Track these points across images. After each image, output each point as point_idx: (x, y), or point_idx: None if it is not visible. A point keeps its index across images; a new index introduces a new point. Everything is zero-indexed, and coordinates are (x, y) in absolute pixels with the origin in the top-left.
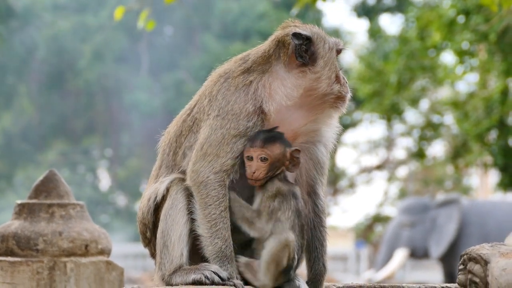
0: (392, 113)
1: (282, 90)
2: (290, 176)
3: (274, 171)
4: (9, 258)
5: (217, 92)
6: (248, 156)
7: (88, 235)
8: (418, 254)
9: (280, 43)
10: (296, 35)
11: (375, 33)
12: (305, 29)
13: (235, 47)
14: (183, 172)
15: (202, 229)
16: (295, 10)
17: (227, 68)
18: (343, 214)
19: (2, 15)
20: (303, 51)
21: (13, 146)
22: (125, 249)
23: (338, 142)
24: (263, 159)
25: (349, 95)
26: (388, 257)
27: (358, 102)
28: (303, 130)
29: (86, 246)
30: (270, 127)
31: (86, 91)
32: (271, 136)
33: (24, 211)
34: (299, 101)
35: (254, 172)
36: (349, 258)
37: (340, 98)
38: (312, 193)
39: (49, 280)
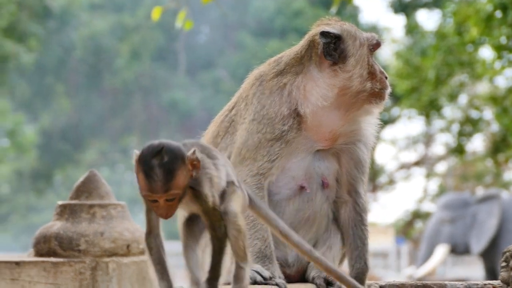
0: (430, 109)
1: (317, 91)
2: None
3: (185, 192)
4: (52, 259)
5: (252, 96)
6: (151, 200)
7: (129, 235)
8: (458, 250)
9: (311, 43)
10: (324, 34)
11: (412, 29)
12: (334, 27)
13: (272, 45)
14: None
15: None
16: (334, 9)
17: (262, 70)
18: (382, 211)
19: (39, 15)
20: (332, 50)
21: (52, 145)
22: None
23: (377, 138)
24: (171, 200)
25: (386, 91)
26: (429, 253)
27: (396, 98)
28: (342, 131)
29: (128, 246)
30: (302, 130)
31: (123, 90)
32: (168, 169)
33: (65, 212)
34: (335, 101)
35: (166, 214)
36: (389, 254)
37: (374, 95)
38: (353, 192)
39: (92, 280)
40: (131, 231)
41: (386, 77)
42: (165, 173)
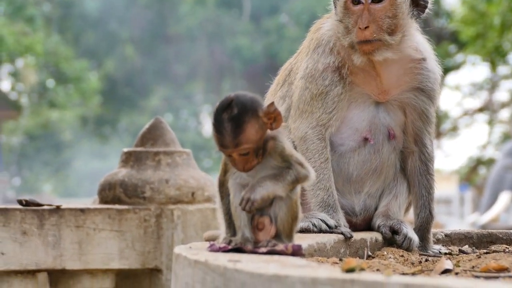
0: (495, 55)
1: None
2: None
3: (261, 145)
4: (117, 206)
5: (306, 48)
6: (227, 155)
7: (194, 183)
8: None
9: None
10: None
11: None
12: None
13: None
14: None
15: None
16: None
17: (319, 22)
18: (446, 158)
19: None
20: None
21: (117, 92)
22: None
23: (441, 85)
24: (245, 154)
25: (359, 43)
26: (493, 200)
27: (461, 45)
28: (387, 83)
29: (193, 193)
30: (347, 84)
31: (188, 37)
32: (236, 123)
33: (130, 159)
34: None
35: (243, 167)
36: (453, 201)
37: (356, 50)
38: (418, 142)
39: (156, 228)
40: (196, 178)
41: (363, 27)
42: (234, 127)
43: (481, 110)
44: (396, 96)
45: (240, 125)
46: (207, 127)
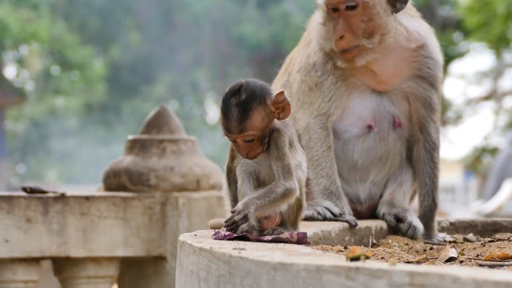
0: (500, 43)
1: None
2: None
3: (266, 134)
4: (122, 194)
5: (303, 39)
6: (232, 140)
7: (199, 170)
8: None
9: None
10: None
11: None
12: None
13: None
14: None
15: (309, 174)
16: None
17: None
18: (450, 146)
19: None
20: None
21: (121, 78)
22: None
23: (445, 73)
24: (249, 141)
25: (338, 53)
26: (497, 188)
27: (465, 33)
28: (384, 76)
29: (198, 181)
30: (339, 75)
31: (193, 24)
32: (243, 108)
33: (135, 146)
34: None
35: (247, 154)
36: (457, 189)
37: (337, 54)
38: (423, 131)
39: (161, 215)
40: (201, 166)
41: (338, 37)
42: (240, 113)
43: (486, 98)
44: (397, 85)
45: (246, 111)
46: (212, 115)
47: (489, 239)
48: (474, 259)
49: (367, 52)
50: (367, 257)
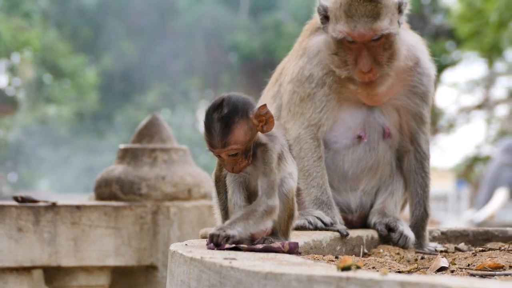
0: (492, 52)
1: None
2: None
3: (250, 147)
4: (113, 203)
5: (295, 51)
6: (216, 155)
7: (191, 180)
8: None
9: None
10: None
11: None
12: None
13: None
14: None
15: (300, 184)
16: None
17: (311, 23)
18: (442, 154)
19: None
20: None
21: (113, 87)
22: None
23: (437, 81)
24: (233, 155)
25: (361, 81)
26: (489, 197)
27: (458, 41)
28: (381, 93)
29: (189, 190)
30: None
31: (185, 32)
32: (225, 123)
33: (127, 155)
34: None
35: (232, 168)
36: (449, 198)
37: (354, 81)
38: (414, 142)
39: (153, 225)
40: (193, 175)
41: (366, 71)
42: (222, 127)
43: (478, 107)
44: (389, 100)
45: (228, 126)
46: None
47: (481, 248)
48: (465, 268)
49: (387, 78)
50: (358, 267)
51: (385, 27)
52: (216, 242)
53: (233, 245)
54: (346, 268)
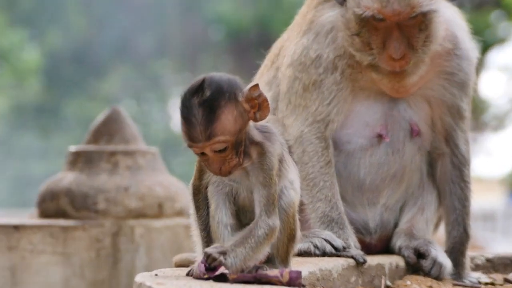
0: None
1: None
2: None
3: (241, 141)
4: (61, 222)
5: (297, 28)
6: (198, 153)
7: (162, 191)
8: None
9: None
10: None
11: None
12: None
13: None
14: None
15: (303, 197)
16: None
17: None
18: (489, 160)
19: None
20: None
21: (62, 71)
22: None
23: (479, 65)
24: (221, 151)
25: (391, 70)
26: None
27: (507, 11)
28: (412, 82)
29: (160, 205)
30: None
31: (155, 2)
32: (209, 108)
33: (79, 160)
34: None
35: (220, 169)
36: (497, 215)
37: (379, 69)
38: (450, 142)
39: (112, 250)
40: (165, 185)
41: (398, 57)
42: (206, 114)
43: None
44: (418, 89)
45: (213, 111)
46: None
47: None
48: None
49: (421, 66)
50: None
51: (426, 2)
52: (210, 266)
53: (219, 272)
54: None
